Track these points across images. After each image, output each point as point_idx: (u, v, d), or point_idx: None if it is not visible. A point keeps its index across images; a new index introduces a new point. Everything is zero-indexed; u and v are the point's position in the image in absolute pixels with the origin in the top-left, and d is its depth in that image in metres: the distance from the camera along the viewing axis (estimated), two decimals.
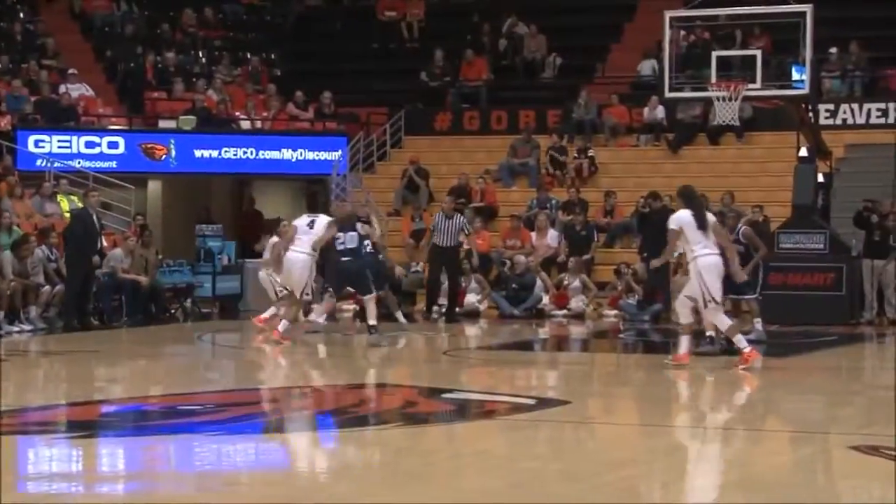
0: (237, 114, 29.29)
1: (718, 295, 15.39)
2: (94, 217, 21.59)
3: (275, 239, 20.72)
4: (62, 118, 27.67)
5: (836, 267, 22.48)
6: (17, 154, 26.24)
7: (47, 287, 21.12)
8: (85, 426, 11.99)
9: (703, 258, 15.28)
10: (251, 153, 28.19)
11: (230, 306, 25.08)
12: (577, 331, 22.54)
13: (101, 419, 12.51)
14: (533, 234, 25.70)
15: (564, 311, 23.91)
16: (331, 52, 33.45)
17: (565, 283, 24.45)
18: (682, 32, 25.84)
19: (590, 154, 28.38)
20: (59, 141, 27.16)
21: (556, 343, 21.63)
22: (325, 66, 32.72)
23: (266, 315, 20.57)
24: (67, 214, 23.62)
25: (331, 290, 20.07)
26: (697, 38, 28.47)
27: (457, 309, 23.14)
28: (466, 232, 22.94)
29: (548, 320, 23.75)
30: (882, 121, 28.10)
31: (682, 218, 15.43)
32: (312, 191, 26.24)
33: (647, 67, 30.23)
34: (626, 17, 32.65)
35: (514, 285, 24.32)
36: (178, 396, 13.96)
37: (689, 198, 15.72)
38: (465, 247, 23.25)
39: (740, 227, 19.25)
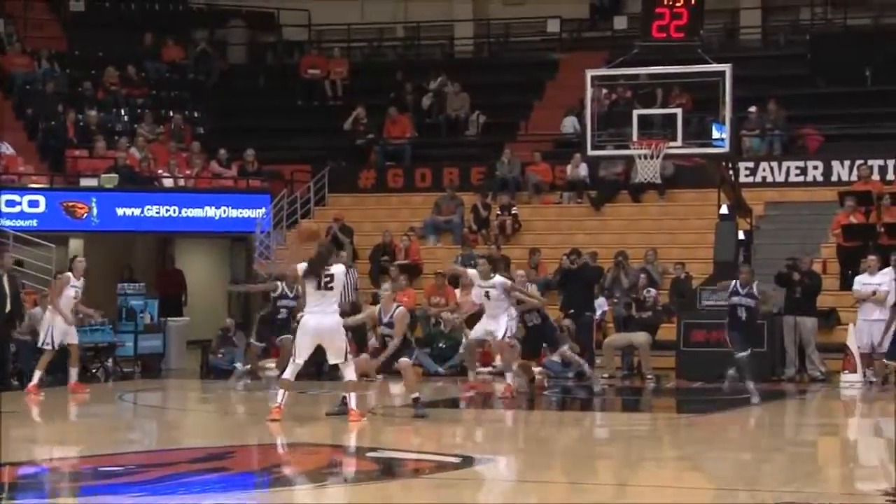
0: (160, 171, 29.12)
1: (300, 355, 16.05)
2: (4, 279, 21.28)
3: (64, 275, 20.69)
4: None
5: (758, 324, 22.59)
6: None
7: None
8: (2, 489, 11.80)
9: (309, 316, 16.05)
10: (174, 211, 28.04)
11: (152, 365, 24.82)
12: (501, 388, 22.49)
13: (20, 481, 12.34)
14: (457, 292, 25.68)
15: (489, 369, 23.87)
16: (254, 110, 33.42)
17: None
18: (604, 91, 26.02)
19: (513, 211, 28.49)
20: None
21: (481, 401, 21.58)
22: (248, 124, 32.65)
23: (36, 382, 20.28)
24: None
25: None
26: (619, 96, 28.69)
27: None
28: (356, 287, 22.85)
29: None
30: (801, 179, 28.41)
31: (306, 273, 16.06)
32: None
33: (569, 125, 30.42)
34: (549, 75, 32.88)
35: (441, 344, 24.29)
36: (98, 457, 13.80)
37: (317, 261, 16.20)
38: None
39: (755, 282, 19.91)
